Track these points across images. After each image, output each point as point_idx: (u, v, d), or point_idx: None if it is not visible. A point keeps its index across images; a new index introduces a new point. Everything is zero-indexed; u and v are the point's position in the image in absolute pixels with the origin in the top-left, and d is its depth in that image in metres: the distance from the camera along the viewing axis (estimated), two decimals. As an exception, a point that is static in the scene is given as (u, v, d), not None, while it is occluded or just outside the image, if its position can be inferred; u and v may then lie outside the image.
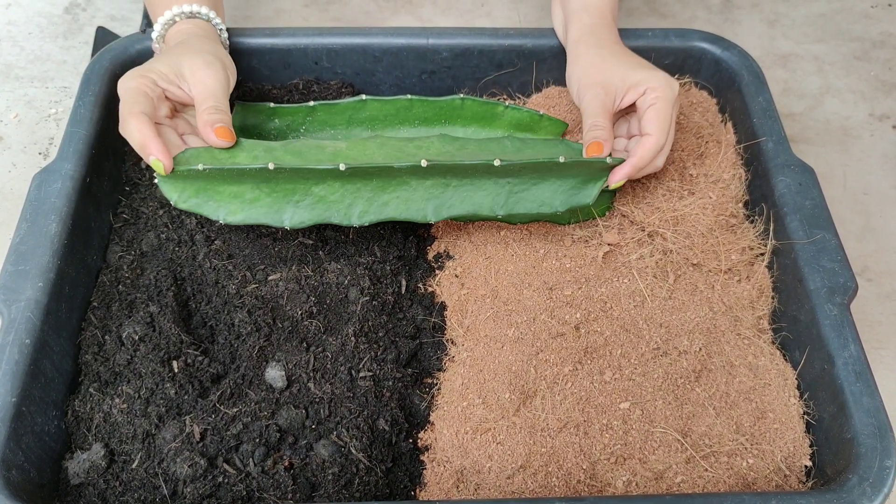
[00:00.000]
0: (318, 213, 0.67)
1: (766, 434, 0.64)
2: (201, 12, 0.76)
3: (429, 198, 0.68)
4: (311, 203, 0.67)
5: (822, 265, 0.67)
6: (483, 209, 0.69)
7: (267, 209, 0.66)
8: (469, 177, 0.68)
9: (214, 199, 0.66)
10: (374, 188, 0.67)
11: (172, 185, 0.66)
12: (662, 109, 0.70)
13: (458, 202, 0.69)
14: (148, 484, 0.60)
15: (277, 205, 0.66)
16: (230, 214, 0.66)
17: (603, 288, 0.71)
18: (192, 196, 0.66)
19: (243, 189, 0.66)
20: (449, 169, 0.67)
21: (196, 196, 0.66)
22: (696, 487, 0.61)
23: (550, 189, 0.70)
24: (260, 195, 0.66)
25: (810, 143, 0.98)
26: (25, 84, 1.01)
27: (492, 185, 0.69)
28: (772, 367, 0.67)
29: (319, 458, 0.61)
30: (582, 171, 0.69)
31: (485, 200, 0.69)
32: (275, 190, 0.66)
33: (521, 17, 1.11)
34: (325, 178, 0.66)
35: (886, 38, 1.10)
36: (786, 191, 0.72)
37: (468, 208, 0.69)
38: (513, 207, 0.69)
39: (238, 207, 0.66)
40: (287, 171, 0.65)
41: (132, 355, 0.65)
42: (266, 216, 0.66)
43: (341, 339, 0.67)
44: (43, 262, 0.65)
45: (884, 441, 0.58)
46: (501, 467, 0.62)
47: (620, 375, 0.66)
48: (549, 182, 0.70)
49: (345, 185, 0.67)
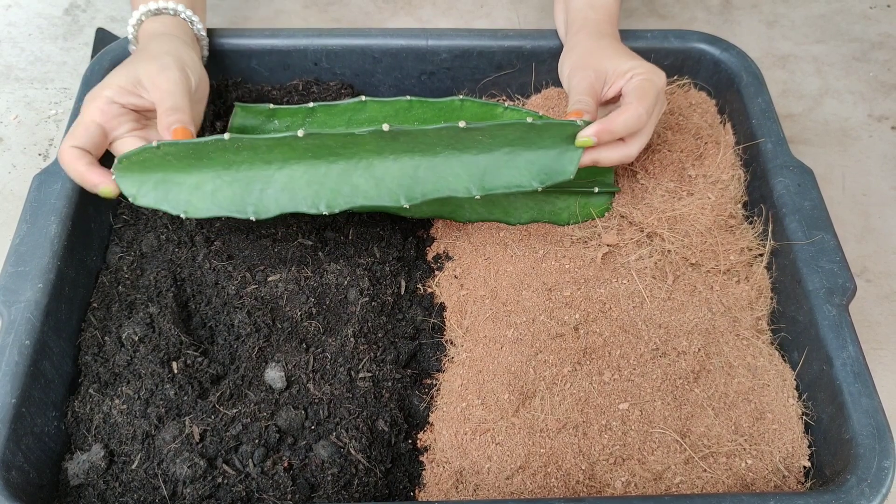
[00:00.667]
0: (283, 202, 0.64)
1: (765, 435, 0.64)
2: (168, 7, 0.75)
3: (400, 180, 0.65)
4: (276, 192, 0.64)
5: (820, 266, 0.68)
6: (458, 190, 0.66)
7: (229, 201, 0.63)
8: (437, 153, 0.65)
9: (174, 191, 0.64)
10: (340, 172, 0.64)
11: (130, 180, 0.63)
12: (646, 87, 0.68)
13: (431, 183, 0.65)
14: (147, 484, 0.60)
15: (240, 195, 0.64)
16: (192, 208, 0.64)
17: (602, 289, 0.71)
18: (150, 190, 0.64)
19: (203, 179, 0.64)
20: (414, 141, 0.63)
21: (155, 190, 0.64)
22: (694, 488, 0.61)
23: (525, 161, 0.66)
24: (221, 185, 0.63)
25: (809, 143, 0.98)
26: (25, 85, 1.01)
27: (462, 163, 0.66)
28: (770, 368, 0.67)
29: (319, 459, 0.61)
30: (555, 139, 0.66)
31: (459, 181, 0.66)
32: (235, 179, 0.63)
33: (521, 18, 1.11)
34: (286, 161, 0.63)
35: (885, 39, 1.10)
36: (784, 192, 0.72)
37: (442, 189, 0.65)
38: (487, 184, 0.66)
39: (199, 200, 0.63)
40: (245, 149, 0.61)
41: (132, 356, 0.65)
42: (229, 208, 0.64)
43: (341, 339, 0.67)
44: (43, 264, 0.65)
45: (882, 442, 0.58)
46: (500, 468, 0.62)
47: (619, 376, 0.66)
48: (523, 155, 0.66)
49: (307, 171, 0.64)
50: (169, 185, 0.64)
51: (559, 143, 0.67)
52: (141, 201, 0.64)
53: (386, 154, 0.64)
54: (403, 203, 0.65)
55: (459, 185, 0.66)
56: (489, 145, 0.65)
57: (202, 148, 0.62)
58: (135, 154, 0.62)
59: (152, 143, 0.62)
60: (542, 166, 0.67)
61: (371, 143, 0.63)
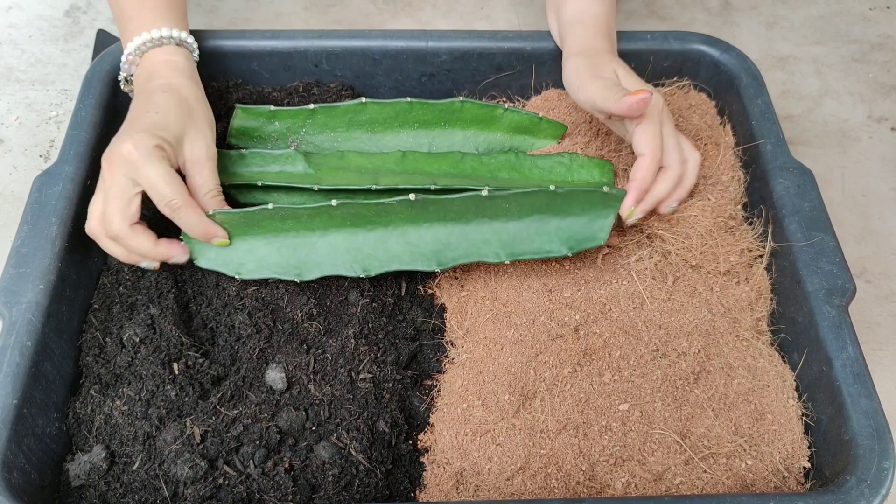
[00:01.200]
0: (325, 267, 0.68)
1: (765, 435, 0.64)
2: (172, 36, 0.72)
3: (433, 246, 0.68)
4: (318, 258, 0.68)
5: (820, 267, 0.68)
6: (488, 255, 0.69)
7: (277, 265, 0.68)
8: (469, 221, 0.68)
9: (230, 255, 0.69)
10: (376, 239, 0.68)
11: (193, 245, 0.69)
12: (648, 126, 0.69)
13: (462, 249, 0.69)
14: (148, 485, 0.60)
15: (287, 260, 0.68)
16: (245, 270, 0.69)
17: (602, 290, 0.71)
18: (210, 253, 0.69)
19: (256, 244, 0.69)
20: (444, 210, 0.67)
21: (214, 253, 0.69)
22: (694, 489, 0.61)
23: (555, 228, 0.69)
24: (271, 250, 0.68)
25: (809, 145, 0.98)
26: (26, 87, 1.01)
27: (493, 230, 0.69)
28: (770, 369, 0.67)
29: (319, 460, 0.61)
30: (584, 205, 0.68)
31: (489, 247, 0.68)
32: (283, 245, 0.68)
33: (521, 19, 1.11)
34: (328, 229, 0.68)
35: (885, 41, 1.10)
36: (784, 193, 0.72)
37: (472, 255, 0.69)
38: (517, 250, 0.69)
39: (251, 263, 0.69)
40: (289, 218, 0.67)
41: (133, 357, 0.65)
42: (277, 271, 0.68)
43: (341, 340, 0.67)
44: (44, 265, 0.65)
45: (882, 443, 0.59)
46: (501, 469, 0.62)
47: (619, 377, 0.66)
48: (552, 222, 0.69)
49: (347, 238, 0.68)
50: (226, 249, 0.69)
51: (588, 209, 0.68)
52: (201, 263, 0.69)
53: (419, 222, 0.68)
54: (435, 268, 0.69)
55: (489, 251, 0.69)
56: (518, 213, 0.68)
57: (252, 217, 0.67)
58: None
59: (209, 210, 0.67)
60: (572, 233, 0.69)
61: (403, 212, 0.67)
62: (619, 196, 0.68)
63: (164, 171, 0.63)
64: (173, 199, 0.63)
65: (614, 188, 0.68)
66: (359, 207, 0.67)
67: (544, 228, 0.69)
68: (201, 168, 0.67)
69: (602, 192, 0.67)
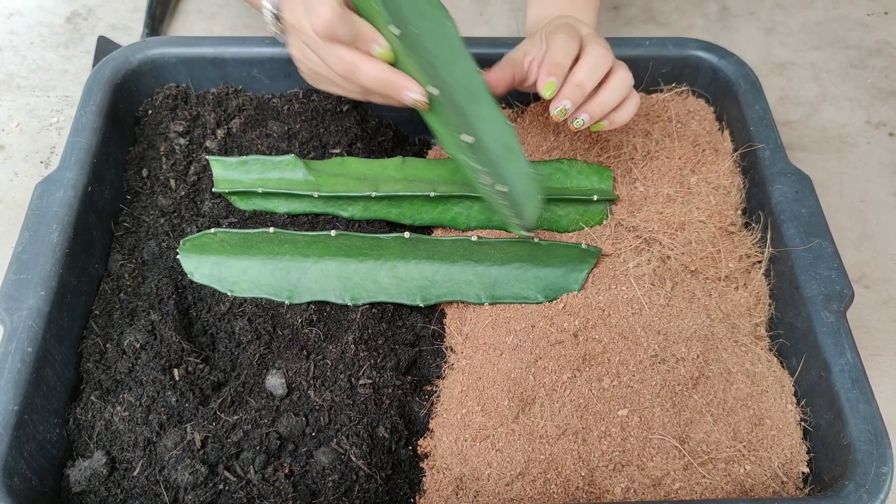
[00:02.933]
0: (315, 292, 0.70)
1: (764, 441, 0.64)
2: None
3: (419, 282, 0.71)
4: (309, 283, 0.70)
5: (818, 273, 0.68)
6: (470, 296, 0.71)
7: (269, 286, 0.71)
8: (455, 261, 0.71)
9: (225, 273, 0.71)
10: (367, 270, 0.71)
11: (191, 259, 0.72)
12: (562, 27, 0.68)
13: (446, 288, 0.71)
14: (149, 491, 0.60)
15: (279, 282, 0.71)
16: (237, 288, 0.71)
17: (601, 295, 0.71)
18: (207, 270, 0.72)
19: (251, 265, 0.71)
20: (433, 249, 0.70)
21: (210, 270, 0.71)
22: (693, 494, 0.62)
23: (534, 276, 0.72)
24: (264, 271, 0.71)
25: (807, 150, 0.98)
26: (27, 93, 1.01)
27: (477, 273, 0.71)
28: (769, 374, 0.68)
29: (319, 466, 0.62)
30: (562, 258, 0.71)
31: (471, 288, 0.71)
32: (277, 268, 0.71)
33: (520, 26, 1.12)
34: (321, 257, 0.71)
35: (882, 47, 1.11)
36: (782, 199, 0.73)
37: (455, 294, 0.71)
38: (497, 293, 0.71)
39: (244, 282, 0.71)
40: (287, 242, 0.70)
41: (133, 363, 0.65)
42: (268, 292, 0.70)
43: (341, 346, 0.68)
44: (45, 271, 0.65)
45: (880, 447, 0.59)
46: (500, 474, 0.62)
47: (618, 382, 0.66)
48: (531, 271, 0.72)
49: (339, 266, 0.71)
50: (222, 267, 0.71)
51: (566, 262, 0.72)
52: (197, 278, 0.71)
53: (409, 258, 0.71)
54: (419, 303, 0.71)
55: (471, 292, 0.71)
56: (501, 259, 0.71)
57: (251, 238, 0.70)
58: (196, 238, 0.71)
59: (210, 230, 0.71)
60: (548, 283, 0.72)
61: (395, 248, 0.70)
62: (596, 252, 0.72)
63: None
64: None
65: (592, 246, 0.72)
66: (354, 239, 0.70)
67: (524, 276, 0.72)
68: None
69: (580, 248, 0.71)
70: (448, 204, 0.75)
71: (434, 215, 0.76)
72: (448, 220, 0.76)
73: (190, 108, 0.83)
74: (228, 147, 0.81)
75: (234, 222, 0.76)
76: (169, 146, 0.80)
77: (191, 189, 0.78)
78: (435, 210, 0.75)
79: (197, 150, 0.80)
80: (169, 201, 0.77)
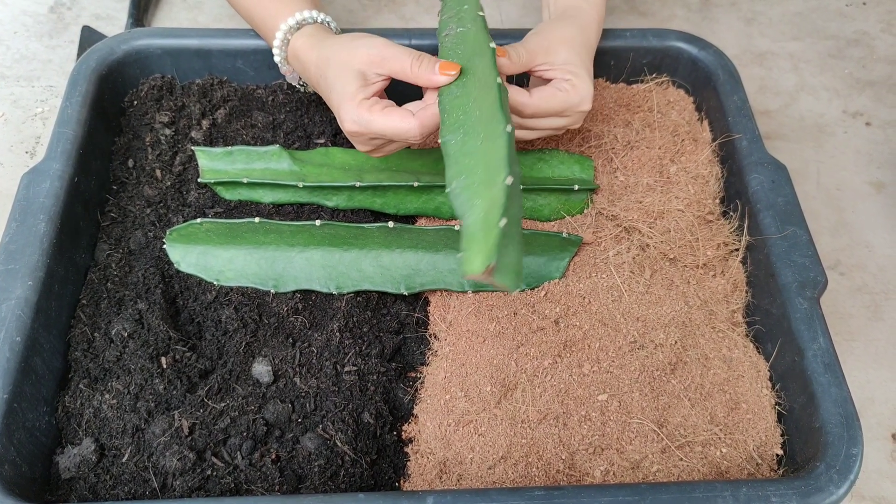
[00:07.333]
0: (301, 280, 0.71)
1: (740, 424, 0.66)
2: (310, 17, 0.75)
3: (403, 270, 0.72)
4: (295, 272, 0.71)
5: (793, 260, 0.69)
6: (453, 284, 0.72)
7: (255, 275, 0.72)
8: (438, 250, 0.72)
9: (211, 262, 0.72)
10: (351, 259, 0.72)
11: (177, 249, 0.72)
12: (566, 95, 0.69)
13: (430, 276, 0.72)
14: (138, 477, 0.61)
15: (265, 271, 0.72)
16: (223, 277, 0.72)
17: (581, 283, 0.72)
18: (193, 259, 0.72)
19: (236, 254, 0.72)
20: (417, 238, 0.71)
21: (196, 259, 0.72)
22: (671, 476, 0.63)
23: None
24: (250, 261, 0.72)
25: (785, 139, 1.00)
26: (11, 83, 1.01)
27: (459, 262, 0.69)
28: (745, 360, 0.69)
29: (306, 451, 0.63)
30: (544, 247, 0.72)
31: (454, 276, 0.72)
32: (263, 257, 0.72)
33: (503, 16, 1.12)
34: (307, 246, 0.71)
35: (860, 37, 1.12)
36: (759, 188, 0.74)
37: (438, 283, 0.72)
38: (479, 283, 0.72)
39: (230, 272, 0.72)
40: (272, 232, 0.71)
41: (121, 352, 0.66)
42: (254, 281, 0.71)
43: (326, 334, 0.69)
44: (32, 261, 0.66)
45: (850, 430, 0.60)
46: (483, 458, 0.64)
47: (598, 368, 0.67)
48: None
49: (324, 255, 0.72)
50: (208, 256, 0.72)
51: (548, 250, 0.73)
52: (183, 267, 0.72)
53: (393, 247, 0.72)
54: (403, 291, 0.72)
55: (454, 281, 0.72)
56: None
57: (237, 228, 0.71)
58: (182, 228, 0.72)
59: (196, 220, 0.71)
60: (530, 271, 0.73)
61: (380, 237, 0.71)
62: (577, 241, 0.73)
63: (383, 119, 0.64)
64: (410, 129, 0.64)
65: (573, 235, 0.73)
66: (339, 229, 0.71)
67: None
68: (386, 61, 0.65)
69: (562, 237, 0.73)
70: (432, 194, 0.76)
71: (418, 205, 0.76)
72: (432, 209, 0.77)
73: (175, 99, 0.83)
74: (214, 137, 0.81)
75: (219, 212, 0.76)
76: (154, 137, 0.81)
77: (176, 179, 0.78)
78: (419, 200, 0.76)
79: (182, 140, 0.81)
80: (155, 191, 0.77)
